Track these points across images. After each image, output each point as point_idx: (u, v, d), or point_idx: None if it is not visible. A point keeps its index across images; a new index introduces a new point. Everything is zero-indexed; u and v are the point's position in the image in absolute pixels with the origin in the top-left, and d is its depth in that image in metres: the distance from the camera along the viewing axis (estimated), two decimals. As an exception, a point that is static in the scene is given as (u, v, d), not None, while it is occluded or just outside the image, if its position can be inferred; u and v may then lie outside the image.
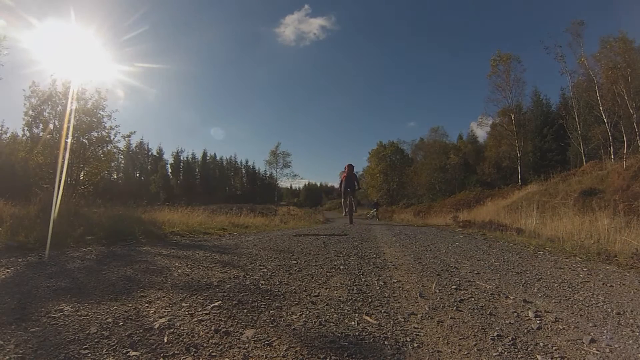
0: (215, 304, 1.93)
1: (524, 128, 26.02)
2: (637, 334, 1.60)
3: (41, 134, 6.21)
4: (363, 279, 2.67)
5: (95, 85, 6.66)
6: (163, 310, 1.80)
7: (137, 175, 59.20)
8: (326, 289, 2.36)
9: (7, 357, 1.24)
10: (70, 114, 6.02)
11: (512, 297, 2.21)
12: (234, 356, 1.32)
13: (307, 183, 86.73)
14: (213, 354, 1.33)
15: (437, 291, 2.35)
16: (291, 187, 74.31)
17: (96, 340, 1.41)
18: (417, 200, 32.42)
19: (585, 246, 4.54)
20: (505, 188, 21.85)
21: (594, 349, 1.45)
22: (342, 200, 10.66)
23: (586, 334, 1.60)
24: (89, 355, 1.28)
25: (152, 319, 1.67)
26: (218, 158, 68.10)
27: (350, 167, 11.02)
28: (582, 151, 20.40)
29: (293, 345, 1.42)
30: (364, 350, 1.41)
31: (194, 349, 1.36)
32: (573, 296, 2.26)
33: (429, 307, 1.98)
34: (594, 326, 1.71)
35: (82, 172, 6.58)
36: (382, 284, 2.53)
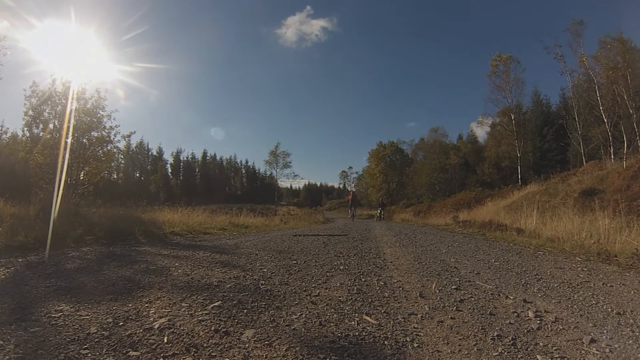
0: (215, 304, 1.93)
1: (524, 128, 25.97)
2: (637, 334, 1.60)
3: (41, 134, 6.22)
4: (363, 279, 2.67)
5: (95, 85, 6.67)
6: (163, 310, 1.80)
7: (137, 175, 59.13)
8: (326, 289, 2.37)
9: (7, 357, 1.24)
10: (70, 114, 6.02)
11: (512, 297, 2.21)
12: (234, 356, 1.32)
13: (307, 183, 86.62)
14: (213, 354, 1.33)
15: (437, 291, 2.35)
16: (291, 187, 74.38)
17: (96, 340, 1.41)
18: (417, 200, 32.38)
19: (585, 246, 4.54)
20: (505, 188, 21.78)
21: (594, 349, 1.45)
22: (349, 209, 18.38)
23: (586, 334, 1.60)
24: (89, 355, 1.28)
25: (152, 319, 1.67)
26: (218, 158, 68.22)
27: (353, 192, 20.46)
28: (582, 151, 20.36)
29: (293, 345, 1.42)
30: (364, 350, 1.41)
31: (194, 349, 1.36)
32: (573, 296, 2.27)
33: (429, 307, 1.98)
34: (594, 326, 1.71)
35: (82, 172, 6.58)
36: (382, 284, 2.53)
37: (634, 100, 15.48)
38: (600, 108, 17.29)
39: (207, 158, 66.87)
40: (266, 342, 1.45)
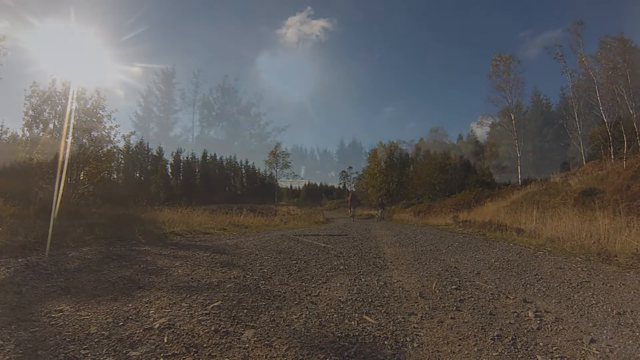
0: (215, 304, 1.93)
1: (524, 128, 26.05)
2: (637, 334, 1.60)
3: (41, 134, 6.23)
4: (363, 279, 2.67)
5: (95, 85, 6.69)
6: (163, 310, 1.80)
7: (137, 175, 59.07)
8: (326, 289, 2.36)
9: (7, 357, 1.24)
10: (70, 114, 6.03)
11: (512, 297, 2.21)
12: (234, 356, 1.32)
13: (307, 183, 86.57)
14: (213, 354, 1.33)
15: (437, 291, 2.35)
16: (291, 187, 74.23)
17: (96, 340, 1.41)
18: (417, 200, 32.33)
19: (585, 246, 4.54)
20: (505, 188, 21.78)
21: (594, 349, 1.45)
22: (349, 209, 18.32)
23: (586, 334, 1.60)
24: (89, 355, 1.28)
25: (152, 319, 1.67)
26: (218, 158, 68.17)
27: (353, 192, 21.54)
28: (582, 151, 20.41)
29: (293, 345, 1.42)
30: (364, 350, 1.41)
31: (194, 349, 1.36)
32: (573, 296, 2.27)
33: (429, 307, 1.98)
34: (594, 326, 1.71)
35: (82, 172, 6.59)
36: (382, 284, 2.53)
37: (634, 100, 15.49)
38: (600, 108, 17.32)
39: (207, 158, 66.82)
40: (266, 342, 1.45)
